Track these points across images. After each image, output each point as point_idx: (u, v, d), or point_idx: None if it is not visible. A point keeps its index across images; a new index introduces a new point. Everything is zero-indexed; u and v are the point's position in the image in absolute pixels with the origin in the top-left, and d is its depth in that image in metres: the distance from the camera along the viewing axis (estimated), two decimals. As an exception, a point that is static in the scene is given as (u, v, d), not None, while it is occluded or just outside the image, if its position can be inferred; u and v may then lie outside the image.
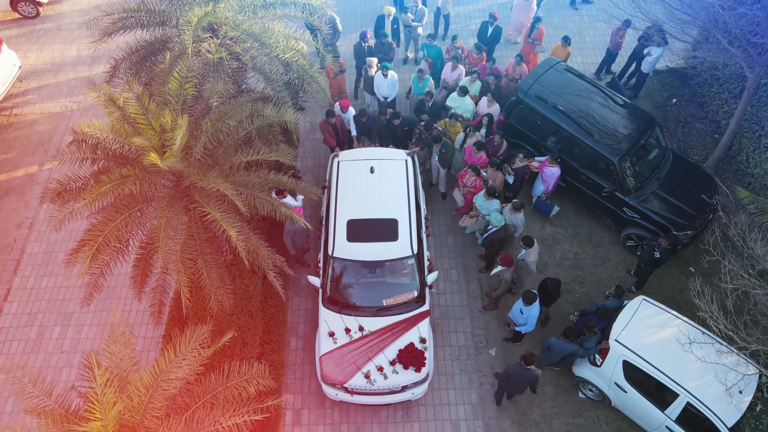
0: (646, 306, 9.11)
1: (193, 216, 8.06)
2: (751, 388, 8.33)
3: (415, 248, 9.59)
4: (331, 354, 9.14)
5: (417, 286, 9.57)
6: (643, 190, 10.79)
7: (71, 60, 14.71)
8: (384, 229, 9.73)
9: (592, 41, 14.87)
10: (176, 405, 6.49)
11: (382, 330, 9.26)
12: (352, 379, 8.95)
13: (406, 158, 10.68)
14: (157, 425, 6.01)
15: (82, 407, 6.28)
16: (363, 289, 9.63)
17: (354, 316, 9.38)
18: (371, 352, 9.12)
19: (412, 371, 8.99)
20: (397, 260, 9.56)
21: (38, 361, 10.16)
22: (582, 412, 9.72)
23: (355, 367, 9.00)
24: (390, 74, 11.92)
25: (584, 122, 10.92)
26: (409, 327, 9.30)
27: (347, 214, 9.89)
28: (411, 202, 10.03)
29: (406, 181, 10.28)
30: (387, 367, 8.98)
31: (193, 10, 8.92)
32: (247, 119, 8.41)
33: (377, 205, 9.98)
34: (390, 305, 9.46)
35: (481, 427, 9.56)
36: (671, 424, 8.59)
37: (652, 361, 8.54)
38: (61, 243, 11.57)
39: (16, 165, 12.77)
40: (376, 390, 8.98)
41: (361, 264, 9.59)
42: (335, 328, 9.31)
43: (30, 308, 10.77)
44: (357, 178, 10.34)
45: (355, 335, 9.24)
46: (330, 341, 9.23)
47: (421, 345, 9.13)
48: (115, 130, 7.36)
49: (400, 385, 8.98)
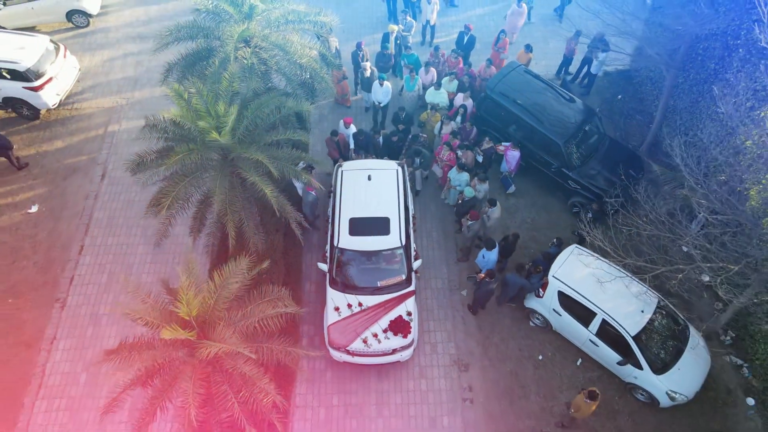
0: (578, 251, 11.97)
1: (236, 181, 10.90)
2: (651, 308, 11.19)
3: (404, 241, 11.95)
4: (336, 324, 11.50)
5: (405, 271, 11.92)
6: (584, 166, 13.65)
7: (118, 63, 17.57)
8: (379, 226, 12.06)
9: (555, 47, 17.65)
10: (232, 305, 9.33)
11: (377, 305, 11.62)
12: (353, 343, 11.31)
13: (397, 168, 12.98)
14: (223, 313, 8.87)
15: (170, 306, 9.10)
16: (362, 273, 11.95)
17: (354, 295, 11.71)
18: (368, 322, 11.44)
19: (401, 337, 11.37)
20: (389, 250, 11.92)
21: (109, 299, 13.01)
22: (531, 336, 12.56)
23: (355, 334, 11.37)
24: (385, 84, 14.68)
25: (538, 113, 13.76)
26: (398, 303, 11.67)
27: (349, 214, 12.24)
28: (401, 203, 12.34)
29: (396, 187, 12.57)
30: (380, 334, 11.35)
31: (232, 26, 11.79)
32: (275, 109, 11.25)
33: (373, 206, 12.29)
34: (383, 286, 11.80)
35: (453, 347, 12.41)
36: (593, 337, 11.44)
37: (579, 291, 11.39)
38: (119, 210, 14.43)
39: (79, 150, 15.63)
40: (372, 352, 11.37)
41: (360, 253, 11.95)
42: (339, 304, 11.69)
43: (100, 260, 13.61)
44: (357, 184, 12.64)
45: (355, 309, 11.56)
46: (335, 314, 11.60)
47: (408, 317, 11.53)
48: (183, 116, 10.19)
49: (391, 349, 11.37)
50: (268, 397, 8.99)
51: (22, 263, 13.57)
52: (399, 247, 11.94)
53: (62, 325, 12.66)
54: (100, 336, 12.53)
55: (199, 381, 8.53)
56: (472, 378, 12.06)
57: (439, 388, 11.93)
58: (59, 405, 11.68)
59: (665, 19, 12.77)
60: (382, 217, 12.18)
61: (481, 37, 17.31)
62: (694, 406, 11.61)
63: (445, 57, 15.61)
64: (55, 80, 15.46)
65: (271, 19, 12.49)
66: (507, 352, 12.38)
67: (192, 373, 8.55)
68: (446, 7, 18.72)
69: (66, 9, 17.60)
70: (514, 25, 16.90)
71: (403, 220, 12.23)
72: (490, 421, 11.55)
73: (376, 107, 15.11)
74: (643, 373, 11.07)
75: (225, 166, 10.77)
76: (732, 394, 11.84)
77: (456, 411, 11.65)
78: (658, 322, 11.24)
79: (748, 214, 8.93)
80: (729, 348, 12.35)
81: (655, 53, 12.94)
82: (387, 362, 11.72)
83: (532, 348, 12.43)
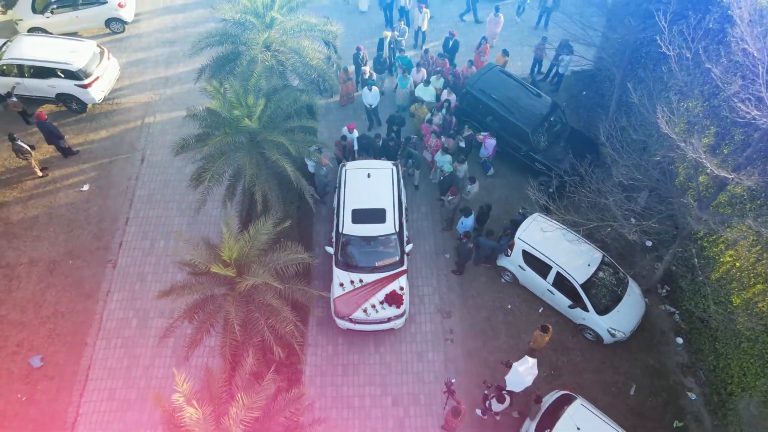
0: (539, 218, 14.61)
1: (261, 159, 13.52)
2: (596, 263, 13.84)
3: (398, 228, 14.24)
4: (340, 297, 13.81)
5: (398, 253, 14.22)
6: (548, 150, 16.27)
7: (151, 64, 20.21)
8: (376, 215, 14.35)
9: (529, 51, 20.20)
10: (261, 253, 11.95)
11: (375, 282, 13.90)
12: (354, 313, 13.58)
13: (392, 167, 15.31)
14: (255, 258, 11.50)
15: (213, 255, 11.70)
16: (362, 255, 14.19)
17: (356, 273, 13.98)
18: (367, 296, 13.72)
19: (394, 308, 13.64)
20: (385, 236, 14.18)
21: (152, 260, 15.65)
22: (502, 290, 15.20)
23: (357, 305, 13.65)
24: (374, 89, 17.23)
25: (510, 106, 16.38)
26: (392, 280, 13.97)
27: (352, 205, 14.53)
28: (395, 197, 14.60)
29: (391, 183, 14.84)
30: (378, 305, 13.62)
31: (256, 34, 14.42)
32: (292, 102, 13.87)
33: (372, 199, 14.57)
34: (380, 265, 14.05)
35: (437, 299, 15.05)
36: (550, 287, 14.09)
37: (539, 249, 14.03)
38: (157, 188, 17.05)
39: (121, 138, 18.28)
40: (371, 320, 13.62)
41: (361, 238, 14.21)
42: (343, 280, 13.98)
43: (143, 229, 16.26)
44: (359, 181, 14.93)
45: (357, 285, 13.83)
46: (340, 289, 13.88)
47: (401, 291, 13.83)
48: (221, 106, 12.82)
49: (387, 317, 13.60)
50: (289, 324, 11.66)
51: (78, 232, 16.22)
52: (393, 234, 14.32)
53: (114, 281, 15.32)
54: (146, 290, 15.18)
55: (238, 307, 11.17)
56: (453, 323, 14.71)
57: (425, 331, 14.58)
58: (115, 344, 14.34)
59: (610, 31, 15.41)
60: (379, 208, 14.50)
61: (466, 41, 19.97)
62: (633, 345, 14.26)
63: (433, 59, 18.24)
64: (101, 79, 18.09)
65: (287, 28, 15.11)
66: (482, 303, 15.03)
67: (233, 301, 11.19)
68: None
69: (105, 17, 20.24)
70: (492, 32, 19.51)
71: (397, 211, 14.55)
72: (466, 356, 14.19)
73: (368, 108, 17.73)
74: (589, 314, 13.72)
75: (252, 147, 13.41)
76: (665, 335, 14.48)
77: (439, 348, 14.30)
78: (601, 273, 13.89)
79: (677, 187, 11.51)
80: (664, 299, 14.99)
81: (608, 56, 15.61)
82: (383, 329, 14.07)
83: (503, 299, 15.07)
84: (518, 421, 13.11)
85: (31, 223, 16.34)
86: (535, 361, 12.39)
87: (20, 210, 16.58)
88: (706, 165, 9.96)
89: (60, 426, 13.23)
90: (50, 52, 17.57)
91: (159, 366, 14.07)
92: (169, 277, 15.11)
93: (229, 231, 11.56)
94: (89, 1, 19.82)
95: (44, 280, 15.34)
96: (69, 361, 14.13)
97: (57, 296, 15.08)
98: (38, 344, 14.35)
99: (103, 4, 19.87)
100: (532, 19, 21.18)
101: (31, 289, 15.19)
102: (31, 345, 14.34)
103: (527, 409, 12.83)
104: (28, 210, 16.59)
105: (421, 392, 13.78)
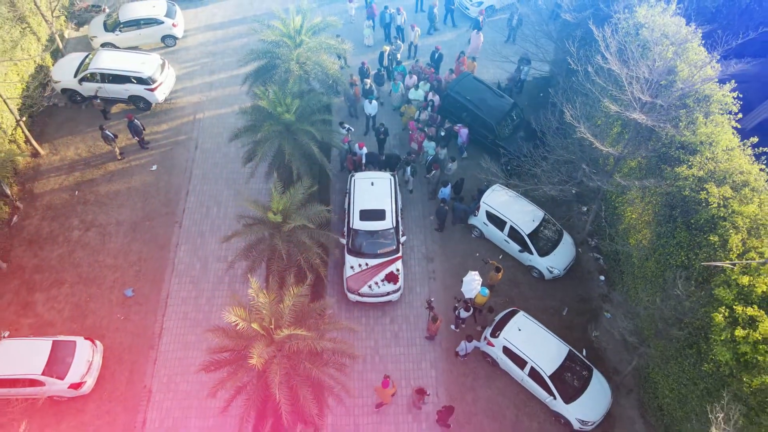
0: (499, 188, 19.69)
1: (295, 144, 18.56)
2: (539, 219, 18.93)
3: (395, 224, 18.74)
4: (351, 276, 18.31)
5: (395, 243, 18.70)
6: (509, 138, 21.34)
7: (198, 72, 25.30)
8: (378, 214, 18.79)
9: (499, 63, 25.30)
10: (299, 205, 16.99)
11: (377, 265, 18.38)
12: (362, 288, 18.14)
13: (391, 177, 19.93)
14: (296, 209, 16.55)
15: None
16: (367, 245, 18.58)
17: (363, 258, 18.45)
18: (371, 275, 18.24)
19: (392, 285, 18.16)
20: (384, 230, 18.67)
21: (208, 222, 20.72)
22: (472, 243, 20.28)
23: (363, 282, 18.19)
24: (374, 102, 22.12)
25: (480, 105, 21.43)
26: (390, 263, 18.43)
27: (359, 206, 18.97)
28: (392, 200, 19.11)
29: (390, 190, 19.36)
30: (379, 282, 18.11)
31: (290, 51, 19.48)
32: (316, 102, 18.94)
33: (375, 202, 18.97)
34: (381, 252, 18.53)
35: (424, 248, 20.11)
36: (506, 238, 19.17)
37: (498, 210, 19.10)
38: (209, 169, 22.11)
39: (178, 131, 23.37)
40: (374, 294, 18.13)
41: (367, 232, 18.66)
42: (353, 264, 18.46)
43: (200, 200, 21.33)
44: (364, 187, 19.41)
45: (364, 267, 18.44)
46: (351, 270, 18.36)
47: (397, 272, 18.33)
48: (268, 104, 17.88)
49: (386, 292, 18.13)
50: (317, 258, 16.72)
51: (151, 201, 21.31)
52: (391, 228, 18.86)
53: (181, 237, 20.41)
54: (205, 242, 20.26)
55: (282, 243, 16.23)
56: (435, 265, 19.80)
57: (415, 271, 19.66)
58: (185, 280, 19.43)
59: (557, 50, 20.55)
60: (380, 209, 18.97)
61: (450, 52, 25.04)
62: (567, 280, 19.33)
63: (422, 67, 23.32)
64: (163, 84, 23.19)
65: (311, 46, 20.16)
66: (457, 252, 20.11)
67: (280, 237, 16.23)
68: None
69: (161, 34, 25.33)
70: (476, 45, 24.58)
71: (395, 211, 19.11)
72: (444, 289, 19.26)
73: (368, 116, 22.71)
74: (534, 257, 18.80)
75: (289, 134, 18.47)
76: (591, 274, 19.57)
77: (424, 283, 19.39)
78: (543, 227, 18.98)
79: (607, 171, 16.56)
80: (593, 248, 20.06)
81: (555, 68, 20.72)
82: (383, 301, 18.64)
83: (473, 249, 20.15)
84: (479, 333, 18.19)
85: (115, 194, 21.45)
86: (477, 273, 17.47)
87: (106, 185, 21.69)
88: (597, 145, 15.05)
89: (150, 336, 18.32)
90: (126, 63, 22.66)
91: (218, 296, 19.14)
92: (221, 232, 20.15)
93: (276, 191, 16.66)
94: (149, 22, 24.89)
95: (129, 235, 20.44)
96: (152, 292, 19.22)
97: (139, 247, 20.18)
98: (129, 281, 19.44)
99: (161, 24, 24.96)
100: (503, 36, 26.29)
101: (120, 242, 20.29)
102: (124, 282, 19.43)
103: (486, 323, 17.94)
104: (112, 185, 21.70)
105: (411, 314, 18.86)
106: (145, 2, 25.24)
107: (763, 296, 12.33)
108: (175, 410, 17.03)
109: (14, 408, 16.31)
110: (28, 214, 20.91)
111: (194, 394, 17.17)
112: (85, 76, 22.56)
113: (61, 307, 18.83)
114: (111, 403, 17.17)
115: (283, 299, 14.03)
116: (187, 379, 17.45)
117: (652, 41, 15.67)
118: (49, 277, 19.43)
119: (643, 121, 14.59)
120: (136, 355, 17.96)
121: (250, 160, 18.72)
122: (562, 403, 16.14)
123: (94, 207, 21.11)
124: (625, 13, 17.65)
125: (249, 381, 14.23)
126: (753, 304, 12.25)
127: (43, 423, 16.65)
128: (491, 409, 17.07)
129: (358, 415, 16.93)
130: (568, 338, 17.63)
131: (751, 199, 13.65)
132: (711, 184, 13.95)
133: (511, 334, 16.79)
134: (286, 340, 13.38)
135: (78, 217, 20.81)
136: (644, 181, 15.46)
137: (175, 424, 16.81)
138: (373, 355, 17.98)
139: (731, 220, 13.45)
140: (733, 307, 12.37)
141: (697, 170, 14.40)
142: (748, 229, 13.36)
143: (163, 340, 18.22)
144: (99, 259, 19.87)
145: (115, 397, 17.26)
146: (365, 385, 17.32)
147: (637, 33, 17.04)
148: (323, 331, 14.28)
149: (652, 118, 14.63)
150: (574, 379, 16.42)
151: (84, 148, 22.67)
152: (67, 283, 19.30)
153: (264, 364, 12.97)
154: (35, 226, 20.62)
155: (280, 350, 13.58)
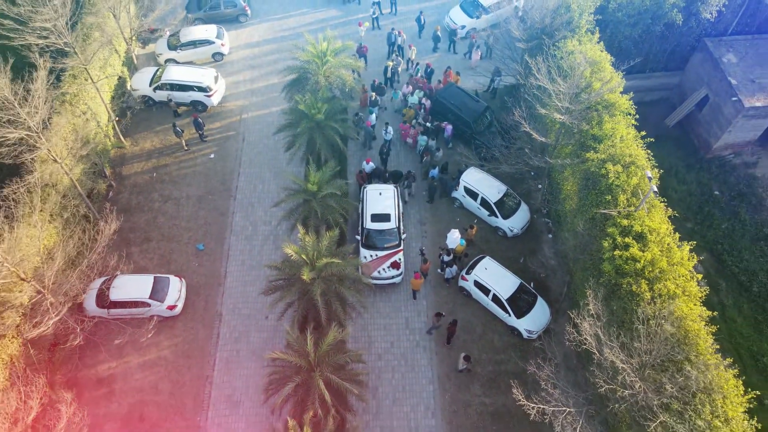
0: (474, 169, 26.49)
1: (322, 136, 25.29)
2: (503, 191, 25.74)
3: (397, 224, 24.72)
4: (365, 264, 24.43)
5: (398, 239, 24.47)
6: (483, 132, 28.10)
7: (242, 81, 32.07)
8: (385, 217, 24.69)
9: (476, 76, 32.02)
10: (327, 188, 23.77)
11: (384, 255, 24.12)
12: (373, 273, 24.21)
13: (394, 188, 25.91)
14: (326, 182, 23.35)
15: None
16: (377, 240, 24.32)
17: (373, 251, 24.31)
18: (380, 263, 24.11)
19: (396, 270, 24.16)
20: (390, 229, 24.48)
21: (255, 196, 27.48)
22: (455, 211, 27.07)
23: (374, 268, 24.05)
24: (373, 116, 28.78)
25: (461, 107, 28.19)
26: (394, 254, 24.16)
27: (371, 211, 24.66)
28: (396, 207, 25.16)
29: (394, 198, 25.33)
30: (387, 268, 24.12)
31: (318, 68, 26.24)
32: (338, 106, 25.71)
33: (382, 207, 24.86)
34: (387, 246, 24.47)
35: (419, 216, 26.89)
36: (478, 206, 25.99)
37: (473, 185, 25.90)
38: (254, 156, 28.89)
39: (228, 127, 30.15)
40: (382, 278, 23.95)
41: (376, 230, 24.51)
42: (366, 255, 24.27)
43: (248, 179, 28.07)
44: (374, 196, 25.16)
45: (375, 257, 24.36)
46: (365, 260, 24.27)
47: (399, 261, 24.78)
48: (305, 108, 24.64)
49: (391, 276, 24.07)
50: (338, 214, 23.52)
51: (211, 180, 28.08)
52: (394, 228, 24.68)
53: (236, 206, 27.21)
54: (254, 211, 27.06)
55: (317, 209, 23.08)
56: (426, 228, 26.62)
57: (411, 232, 26.46)
58: (241, 238, 26.26)
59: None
60: (387, 213, 25.00)
61: (440, 66, 31.81)
62: (524, 238, 26.12)
63: (417, 79, 30.13)
64: (217, 92, 29.98)
65: (334, 63, 26.91)
66: (443, 218, 26.91)
67: (316, 204, 23.06)
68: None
69: (212, 52, 32.13)
70: (476, 59, 31.36)
71: (397, 214, 25.52)
72: (433, 244, 26.04)
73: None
74: (499, 219, 25.62)
75: (319, 129, 25.19)
76: (542, 233, 26.38)
77: (419, 240, 26.19)
78: (506, 197, 25.79)
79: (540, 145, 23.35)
80: (545, 215, 26.84)
81: (521, 79, 27.53)
82: (388, 283, 24.85)
83: (455, 215, 26.95)
84: (457, 277, 24.99)
85: (184, 176, 28.24)
86: (457, 230, 24.27)
87: (176, 169, 28.49)
88: (535, 136, 21.85)
89: (218, 276, 25.14)
90: (189, 75, 29.44)
91: (265, 250, 25.90)
92: (267, 203, 26.91)
93: (312, 169, 23.46)
94: (203, 42, 31.68)
95: (197, 205, 27.24)
96: (217, 246, 26.03)
97: (205, 214, 26.97)
98: (199, 238, 26.23)
99: (212, 44, 31.76)
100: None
101: (189, 210, 27.09)
102: (195, 238, 26.23)
103: (463, 267, 24.80)
104: (181, 169, 28.50)
105: (408, 262, 25.71)
106: (200, 27, 32.05)
107: (636, 233, 19.10)
108: (240, 326, 23.84)
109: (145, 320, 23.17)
110: (119, 190, 27.72)
111: (253, 315, 23.98)
112: (158, 85, 29.34)
113: (151, 256, 25.63)
114: (193, 321, 23.98)
115: (321, 241, 20.87)
116: (247, 306, 24.29)
117: (577, 64, 22.43)
118: (140, 236, 26.23)
119: (566, 121, 21.38)
120: (209, 290, 24.77)
121: (290, 147, 25.52)
122: (515, 319, 22.92)
123: (169, 185, 27.91)
124: (561, 43, 24.43)
125: (296, 299, 21.04)
126: (628, 236, 19.04)
127: (149, 337, 23.43)
128: (466, 327, 23.84)
129: (371, 329, 23.78)
130: (522, 277, 24.42)
131: (635, 173, 20.43)
132: (609, 164, 20.72)
133: (480, 272, 23.59)
134: (324, 267, 20.15)
135: (157, 192, 27.62)
136: (569, 161, 22.24)
137: (240, 337, 23.62)
138: (384, 287, 24.82)
139: (621, 186, 20.22)
140: (616, 238, 19.17)
141: (601, 154, 21.17)
142: (632, 192, 20.14)
143: (228, 279, 25.03)
144: (176, 223, 26.66)
145: (196, 318, 24.06)
146: (375, 308, 24.18)
147: (567, 58, 23.84)
148: (346, 265, 21.12)
149: (572, 118, 21.42)
150: (523, 302, 23.21)
151: (157, 141, 29.49)
152: (154, 240, 26.10)
153: (307, 285, 19.74)
154: (126, 199, 27.42)
155: (319, 275, 20.36)
